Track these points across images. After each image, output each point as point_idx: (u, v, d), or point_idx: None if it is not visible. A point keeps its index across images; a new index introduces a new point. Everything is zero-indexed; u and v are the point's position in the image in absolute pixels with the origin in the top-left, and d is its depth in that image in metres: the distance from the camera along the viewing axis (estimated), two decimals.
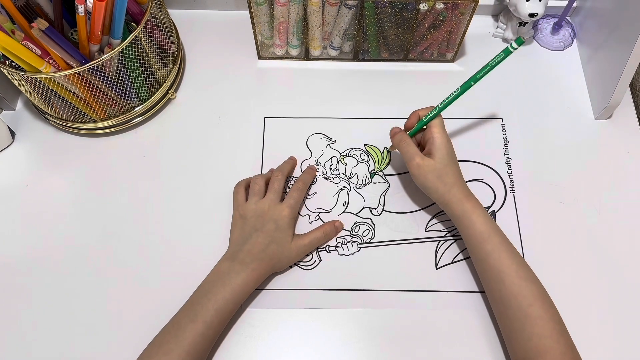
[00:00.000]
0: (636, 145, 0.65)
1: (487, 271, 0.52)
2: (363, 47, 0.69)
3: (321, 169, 0.63)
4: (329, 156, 0.64)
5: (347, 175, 0.62)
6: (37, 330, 0.55)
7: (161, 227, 0.60)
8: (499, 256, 0.51)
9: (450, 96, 0.56)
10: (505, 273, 0.50)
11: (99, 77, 0.57)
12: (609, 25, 0.64)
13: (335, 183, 0.62)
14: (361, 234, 0.59)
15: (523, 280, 0.50)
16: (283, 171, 0.60)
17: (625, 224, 0.60)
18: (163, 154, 0.65)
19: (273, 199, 0.56)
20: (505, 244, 0.52)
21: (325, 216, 0.60)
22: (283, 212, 0.55)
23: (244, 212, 0.57)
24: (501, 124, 0.66)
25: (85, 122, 0.63)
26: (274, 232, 0.54)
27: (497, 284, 0.51)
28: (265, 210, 0.56)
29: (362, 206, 0.61)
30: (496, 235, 0.52)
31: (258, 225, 0.55)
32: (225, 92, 0.69)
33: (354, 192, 0.62)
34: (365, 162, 0.63)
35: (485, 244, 0.52)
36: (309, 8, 0.63)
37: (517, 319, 0.49)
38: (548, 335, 0.47)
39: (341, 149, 0.64)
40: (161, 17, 0.63)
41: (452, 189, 0.54)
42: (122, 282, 0.57)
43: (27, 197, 0.62)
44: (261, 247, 0.54)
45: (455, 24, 0.65)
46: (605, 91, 0.63)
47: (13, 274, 0.58)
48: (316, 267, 0.58)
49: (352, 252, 0.59)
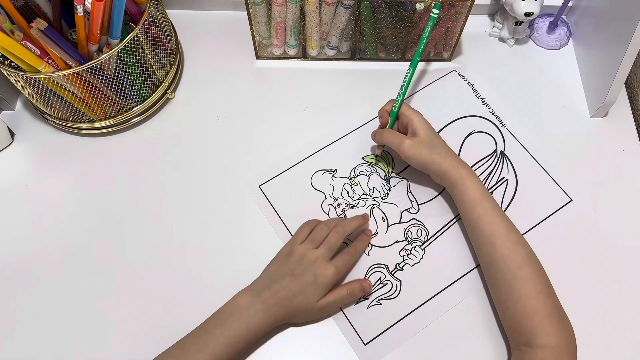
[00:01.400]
0: (632, 143, 0.65)
1: (478, 234, 0.53)
2: (360, 46, 0.69)
3: (342, 202, 0.61)
4: (340, 186, 0.62)
5: (368, 193, 0.62)
6: (36, 330, 0.55)
7: (160, 227, 0.60)
8: (490, 219, 0.53)
9: (406, 78, 0.58)
10: (495, 236, 0.52)
11: (97, 77, 0.57)
12: (605, 24, 0.65)
13: (363, 207, 0.61)
14: (418, 236, 0.59)
15: (513, 243, 0.51)
16: (345, 228, 0.56)
17: (621, 221, 0.60)
18: (162, 153, 0.65)
19: (325, 253, 0.53)
20: (497, 209, 0.54)
21: (375, 240, 0.59)
22: (327, 271, 0.52)
23: (292, 251, 0.54)
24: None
25: (84, 122, 0.64)
26: (308, 286, 0.51)
27: (487, 247, 0.52)
28: (311, 261, 0.53)
29: (400, 212, 0.61)
30: (488, 200, 0.54)
31: (297, 271, 0.52)
32: (224, 91, 0.69)
33: (384, 204, 0.61)
34: (375, 173, 0.63)
35: (477, 207, 0.54)
36: (306, 8, 0.63)
37: (506, 281, 0.50)
38: (535, 297, 0.49)
39: (346, 174, 0.63)
40: (159, 17, 0.64)
41: (446, 158, 0.56)
42: (121, 281, 0.57)
43: (26, 197, 0.62)
44: (288, 295, 0.51)
45: (452, 23, 0.65)
46: (601, 89, 0.64)
47: (12, 273, 0.58)
48: (398, 293, 0.56)
49: (422, 257, 0.58)
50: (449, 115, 0.67)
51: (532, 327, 0.48)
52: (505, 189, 0.62)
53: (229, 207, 0.61)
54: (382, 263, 0.58)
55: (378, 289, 0.56)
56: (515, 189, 0.62)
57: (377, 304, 0.56)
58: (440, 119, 0.66)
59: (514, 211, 0.60)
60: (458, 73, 0.69)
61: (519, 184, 0.62)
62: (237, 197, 0.61)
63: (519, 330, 0.49)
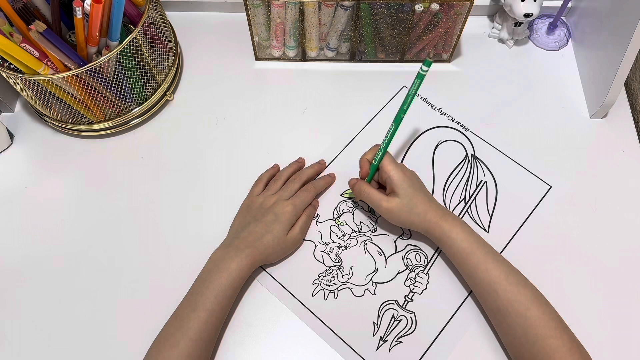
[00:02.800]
0: (631, 144, 0.65)
1: (479, 284, 0.52)
2: (359, 48, 0.69)
3: (333, 245, 0.59)
4: (327, 230, 0.60)
5: (357, 230, 0.60)
6: (36, 332, 0.55)
7: (159, 228, 0.60)
8: (486, 267, 0.51)
9: (388, 134, 0.54)
10: (496, 283, 0.50)
11: (96, 79, 0.57)
12: (604, 25, 0.65)
13: (356, 245, 0.59)
14: (418, 262, 0.58)
15: (515, 286, 0.50)
16: (301, 176, 0.60)
17: (621, 222, 0.60)
18: (161, 155, 0.65)
19: (283, 195, 0.57)
20: (491, 254, 0.52)
21: (377, 276, 0.57)
22: (285, 208, 0.56)
23: (251, 202, 0.58)
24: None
25: (84, 124, 0.64)
26: (272, 224, 0.55)
27: (490, 295, 0.51)
28: (270, 204, 0.57)
29: (393, 240, 0.59)
30: (479, 247, 0.52)
31: (258, 215, 0.56)
32: (223, 93, 0.69)
33: (376, 237, 0.59)
34: (358, 207, 0.61)
35: (470, 258, 0.52)
36: (305, 9, 0.63)
37: (518, 325, 0.49)
38: (551, 335, 0.47)
39: (330, 215, 0.61)
40: (159, 19, 0.64)
41: (426, 216, 0.54)
42: (121, 283, 0.57)
43: (25, 199, 0.62)
44: (257, 236, 0.54)
45: (451, 24, 0.65)
46: (601, 90, 0.64)
47: (12, 275, 0.58)
48: (415, 326, 0.55)
49: (427, 282, 0.57)
50: (413, 131, 0.66)
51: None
52: (487, 192, 0.62)
53: (229, 209, 0.60)
54: (391, 299, 0.56)
55: (394, 327, 0.54)
56: (496, 188, 0.62)
57: (398, 342, 0.54)
58: (404, 137, 0.65)
59: (501, 211, 0.60)
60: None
61: (498, 183, 0.62)
62: (237, 198, 0.61)
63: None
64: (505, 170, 0.63)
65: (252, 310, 0.56)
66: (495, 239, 0.58)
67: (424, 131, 0.66)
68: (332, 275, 0.57)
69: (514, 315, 0.49)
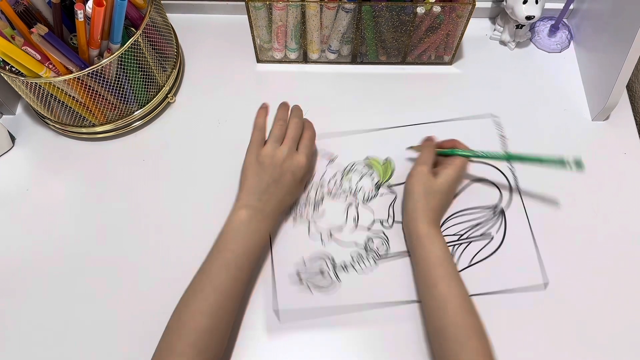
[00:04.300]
0: (633, 147, 0.65)
1: (434, 298, 0.51)
2: (361, 50, 0.69)
3: (326, 186, 0.62)
4: (331, 174, 0.63)
5: (353, 190, 0.62)
6: (38, 334, 0.55)
7: (161, 231, 0.60)
8: (449, 283, 0.51)
9: (490, 154, 0.56)
10: (450, 302, 0.50)
11: (98, 81, 0.57)
12: (606, 27, 0.65)
13: (341, 201, 0.61)
14: (376, 248, 0.59)
15: (466, 312, 0.49)
16: (301, 116, 0.60)
17: (623, 225, 0.60)
18: (162, 157, 0.65)
19: (291, 146, 0.57)
20: (457, 274, 0.52)
21: (338, 234, 0.59)
22: (300, 162, 0.56)
23: (262, 158, 0.56)
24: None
25: (85, 127, 0.64)
26: (291, 184, 0.56)
27: (440, 311, 0.50)
28: (283, 159, 0.56)
29: (373, 220, 0.60)
30: (450, 263, 0.52)
31: (276, 175, 0.55)
32: (224, 95, 0.69)
33: (362, 206, 0.61)
34: (369, 175, 0.63)
35: (438, 268, 0.52)
36: (307, 12, 0.63)
37: (453, 351, 0.48)
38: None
39: (343, 164, 0.63)
40: (160, 21, 0.64)
41: (428, 211, 0.55)
42: (122, 286, 0.57)
43: (27, 202, 0.62)
44: (279, 197, 0.56)
45: (453, 26, 0.65)
46: (603, 93, 0.64)
47: (13, 277, 0.58)
48: (337, 289, 0.56)
49: (369, 267, 0.57)
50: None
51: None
52: (485, 245, 0.58)
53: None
54: (330, 256, 0.58)
55: (316, 278, 0.57)
56: (496, 249, 0.58)
57: (308, 289, 0.56)
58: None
59: (481, 269, 0.57)
60: (494, 121, 0.66)
61: (502, 247, 0.58)
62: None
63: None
64: (519, 242, 0.59)
65: (254, 312, 0.56)
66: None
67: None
68: (305, 208, 0.61)
69: (453, 340, 0.48)
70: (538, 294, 0.56)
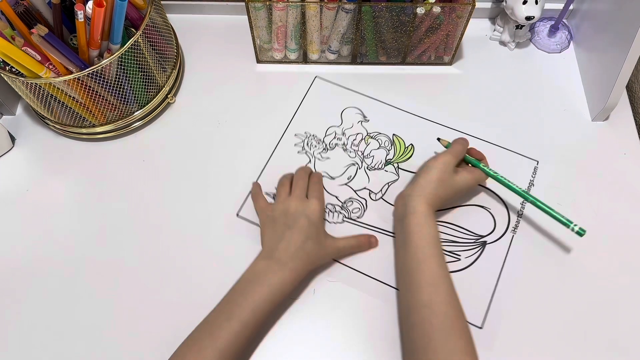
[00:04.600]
0: (633, 147, 0.65)
1: (423, 273, 0.49)
2: (361, 50, 0.69)
3: (344, 139, 0.64)
4: (356, 131, 0.65)
5: (364, 154, 0.64)
6: (37, 335, 0.55)
7: (161, 231, 0.60)
8: (440, 263, 0.50)
9: (511, 185, 0.56)
10: (441, 284, 0.48)
11: (98, 82, 0.57)
12: (606, 27, 0.65)
13: (350, 157, 0.63)
14: (350, 210, 0.60)
15: (455, 300, 0.48)
16: (306, 170, 0.60)
17: (623, 225, 0.60)
18: (162, 158, 0.65)
19: (300, 195, 0.56)
20: (445, 263, 0.50)
21: (327, 182, 0.62)
22: (312, 206, 0.55)
23: (272, 212, 0.56)
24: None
25: (85, 127, 0.64)
26: (308, 228, 0.53)
27: (430, 288, 0.48)
28: (294, 207, 0.55)
29: (364, 186, 0.62)
30: (439, 246, 0.51)
31: (290, 222, 0.54)
32: (224, 96, 0.69)
33: (363, 171, 0.62)
34: (386, 150, 0.64)
35: (430, 247, 0.50)
36: (307, 12, 0.63)
37: (434, 336, 0.46)
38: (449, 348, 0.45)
39: (370, 129, 0.66)
40: (160, 22, 0.64)
41: (433, 197, 0.53)
42: (122, 286, 0.57)
43: (27, 202, 0.62)
44: (298, 245, 0.52)
45: (452, 27, 0.65)
46: (602, 93, 0.64)
47: (14, 278, 0.58)
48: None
49: (335, 222, 0.59)
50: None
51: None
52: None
53: (231, 211, 0.60)
54: None
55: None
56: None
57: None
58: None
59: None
60: (534, 167, 0.63)
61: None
62: (239, 201, 0.61)
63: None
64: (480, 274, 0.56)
65: None
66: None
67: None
68: (314, 147, 0.64)
69: (439, 329, 0.46)
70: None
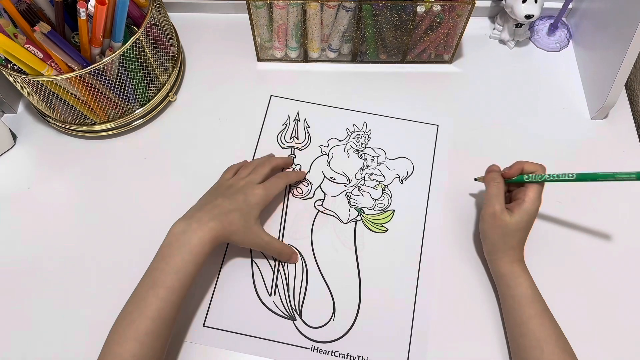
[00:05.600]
0: (632, 145, 0.65)
1: (526, 335, 0.50)
2: (361, 49, 0.70)
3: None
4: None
5: (349, 178, 0.63)
6: (38, 332, 0.55)
7: (162, 229, 0.60)
8: (542, 322, 0.50)
9: (563, 176, 0.52)
10: (545, 341, 0.49)
11: (100, 79, 0.58)
12: (605, 25, 0.65)
13: (362, 160, 0.64)
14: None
15: (562, 352, 0.48)
16: (272, 162, 0.59)
17: (622, 223, 0.60)
18: (163, 156, 0.65)
19: (253, 179, 0.56)
20: (548, 311, 0.51)
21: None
22: (255, 190, 0.54)
23: (219, 184, 0.57)
24: (500, 125, 0.67)
25: (87, 125, 0.64)
26: (241, 204, 0.52)
27: (535, 351, 0.49)
28: (240, 185, 0.55)
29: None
30: (540, 301, 0.51)
31: (227, 193, 0.53)
32: (225, 94, 0.70)
33: (344, 185, 0.63)
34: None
35: (529, 307, 0.51)
36: (307, 11, 0.63)
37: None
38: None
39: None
40: (161, 20, 0.64)
41: (508, 250, 0.53)
42: (122, 284, 0.57)
43: (29, 200, 0.63)
44: (223, 210, 0.51)
45: (452, 25, 0.65)
46: (601, 91, 0.64)
47: (15, 276, 0.58)
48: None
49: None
50: None
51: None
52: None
53: None
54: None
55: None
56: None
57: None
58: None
59: None
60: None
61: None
62: None
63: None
64: None
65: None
66: None
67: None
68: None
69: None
70: None
